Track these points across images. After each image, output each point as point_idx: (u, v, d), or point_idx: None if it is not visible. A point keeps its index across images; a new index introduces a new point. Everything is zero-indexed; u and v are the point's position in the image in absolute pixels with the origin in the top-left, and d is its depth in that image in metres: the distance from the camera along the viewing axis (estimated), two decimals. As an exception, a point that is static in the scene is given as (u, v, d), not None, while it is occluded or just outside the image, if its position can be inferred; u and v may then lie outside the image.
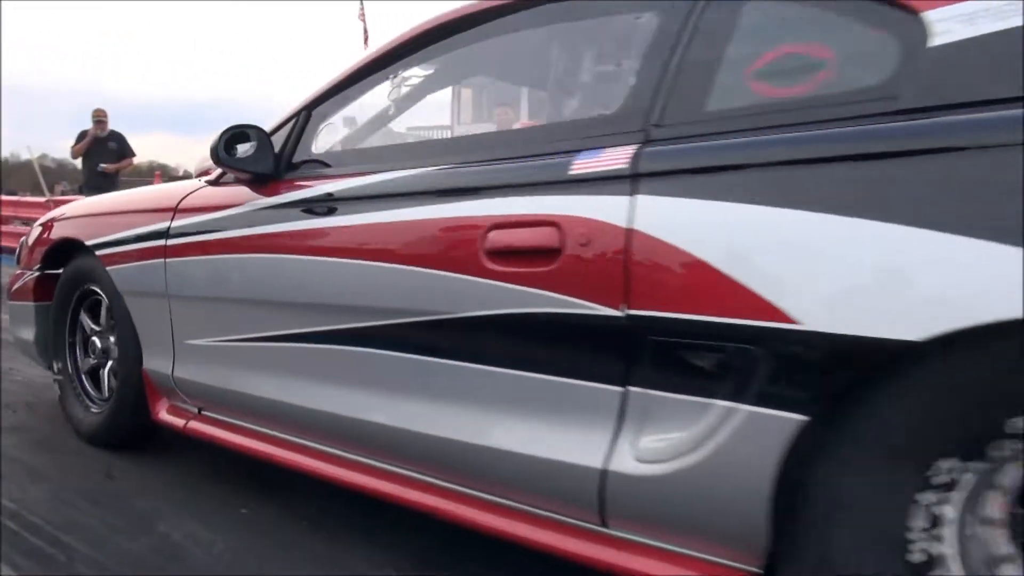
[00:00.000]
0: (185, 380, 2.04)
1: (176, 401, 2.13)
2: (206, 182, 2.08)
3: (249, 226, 1.83)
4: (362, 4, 21.05)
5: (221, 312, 1.93)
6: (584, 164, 1.29)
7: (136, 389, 2.20)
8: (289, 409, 1.76)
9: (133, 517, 1.87)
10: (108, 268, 2.20)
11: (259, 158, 1.85)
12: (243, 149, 1.86)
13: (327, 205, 1.69)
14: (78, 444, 2.41)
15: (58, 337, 2.53)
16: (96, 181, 8.46)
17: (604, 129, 1.34)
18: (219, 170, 2.05)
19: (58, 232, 2.51)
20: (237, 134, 1.84)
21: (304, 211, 1.73)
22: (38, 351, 2.63)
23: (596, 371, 1.24)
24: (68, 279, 2.47)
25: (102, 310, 2.40)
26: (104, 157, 8.27)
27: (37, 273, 2.56)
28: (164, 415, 2.14)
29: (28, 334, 2.65)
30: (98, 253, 2.24)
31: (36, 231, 2.73)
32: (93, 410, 2.40)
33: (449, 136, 2.25)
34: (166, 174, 28.26)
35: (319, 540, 1.78)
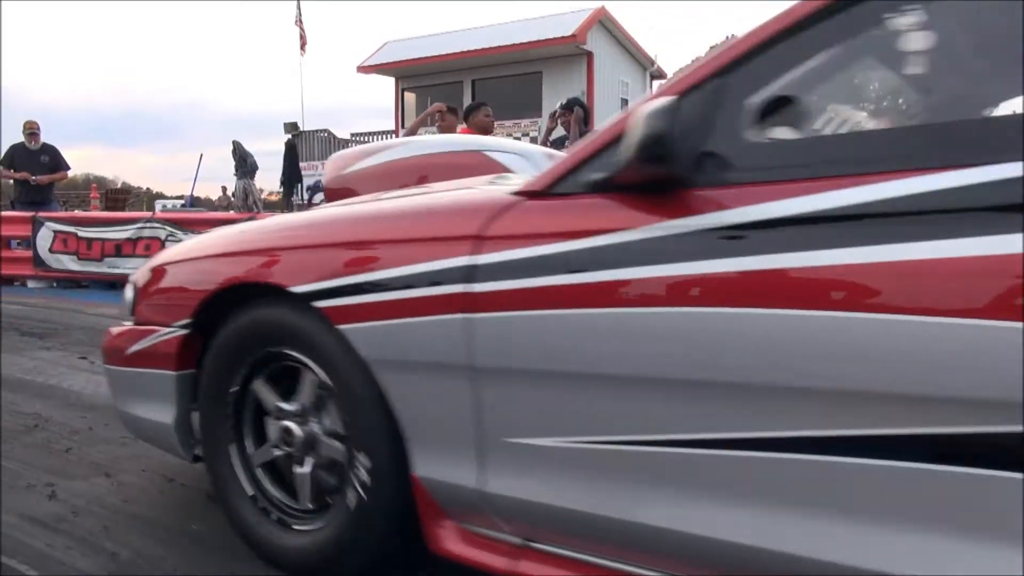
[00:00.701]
0: (510, 498, 1.33)
1: (478, 526, 1.42)
2: (520, 193, 1.38)
3: (666, 262, 1.15)
4: (299, 9, 19.95)
5: (598, 397, 1.24)
6: None
7: (395, 504, 1.48)
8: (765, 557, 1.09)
9: (79, 537, 1.82)
10: (343, 327, 1.47)
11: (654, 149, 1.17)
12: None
13: (847, 226, 1.03)
14: (16, 466, 2.25)
15: (217, 421, 1.78)
16: (29, 195, 8.12)
17: None
18: (529, 176, 1.37)
19: (216, 273, 1.75)
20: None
21: (764, 237, 1.07)
22: (180, 438, 1.86)
23: None
24: (238, 339, 1.71)
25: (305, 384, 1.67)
26: (36, 171, 8.01)
27: (184, 331, 1.79)
28: (456, 547, 1.42)
29: (161, 415, 1.87)
30: (319, 304, 1.51)
31: (147, 275, 1.97)
32: (297, 528, 1.65)
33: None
34: (103, 187, 26.68)
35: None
